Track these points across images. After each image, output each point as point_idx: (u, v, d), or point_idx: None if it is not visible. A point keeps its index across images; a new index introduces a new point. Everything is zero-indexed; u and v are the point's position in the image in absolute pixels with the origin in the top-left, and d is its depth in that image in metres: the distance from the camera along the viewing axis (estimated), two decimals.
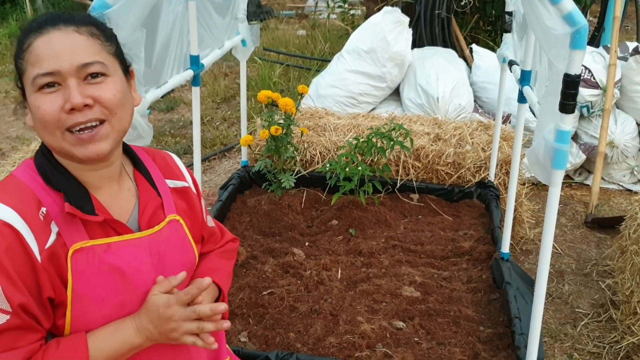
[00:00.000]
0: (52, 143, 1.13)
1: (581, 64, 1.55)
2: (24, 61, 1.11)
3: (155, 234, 1.23)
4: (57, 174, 1.16)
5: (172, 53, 2.25)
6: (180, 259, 1.29)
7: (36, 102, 1.10)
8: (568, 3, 1.52)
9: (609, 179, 4.25)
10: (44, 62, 1.09)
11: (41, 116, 1.10)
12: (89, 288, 1.13)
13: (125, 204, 1.24)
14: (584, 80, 4.07)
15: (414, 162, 3.26)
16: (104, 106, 1.12)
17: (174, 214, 1.30)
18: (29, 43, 1.11)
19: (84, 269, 1.13)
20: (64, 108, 1.09)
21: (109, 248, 1.16)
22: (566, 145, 1.60)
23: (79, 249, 1.13)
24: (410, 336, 2.22)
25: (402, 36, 4.46)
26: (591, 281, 3.18)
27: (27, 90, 1.12)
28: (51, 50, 1.09)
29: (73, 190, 1.15)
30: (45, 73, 1.09)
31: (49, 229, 1.11)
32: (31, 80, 1.10)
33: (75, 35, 1.11)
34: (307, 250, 2.77)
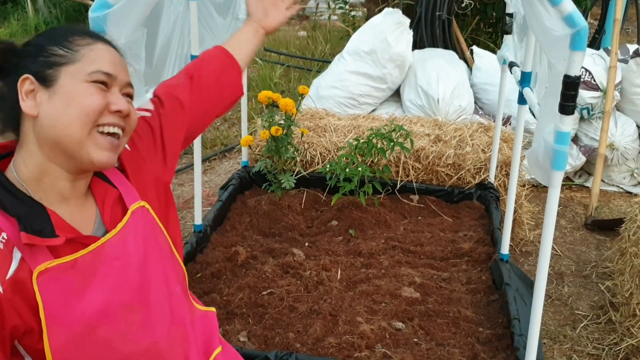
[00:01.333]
0: (74, 134, 1.14)
1: (581, 66, 1.55)
2: (78, 53, 1.18)
3: (118, 234, 1.21)
4: (10, 197, 1.12)
5: (173, 53, 2.26)
6: (154, 245, 1.27)
7: (89, 90, 1.16)
8: (568, 4, 1.52)
9: (609, 181, 4.25)
10: (106, 63, 1.19)
11: (90, 104, 1.15)
12: (61, 305, 1.11)
13: (88, 211, 1.22)
14: (585, 82, 4.08)
15: (414, 163, 3.26)
16: (128, 122, 1.23)
17: (138, 200, 1.28)
18: (88, 42, 1.20)
19: (51, 288, 1.10)
20: (108, 107, 1.18)
21: (76, 263, 1.14)
22: (566, 146, 1.60)
23: (43, 270, 1.09)
24: (410, 337, 2.22)
25: (403, 37, 4.47)
26: (591, 283, 3.19)
27: (68, 77, 1.16)
28: (111, 58, 1.22)
29: (29, 214, 1.11)
30: (106, 72, 1.18)
31: (10, 257, 1.08)
32: (88, 72, 1.16)
33: (120, 57, 1.25)
34: (307, 250, 2.77)
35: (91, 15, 1.48)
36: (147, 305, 1.23)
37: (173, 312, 1.29)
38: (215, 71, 1.54)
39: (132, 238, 1.23)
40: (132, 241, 1.23)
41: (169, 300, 1.28)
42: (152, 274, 1.25)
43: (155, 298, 1.24)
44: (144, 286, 1.22)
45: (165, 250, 1.31)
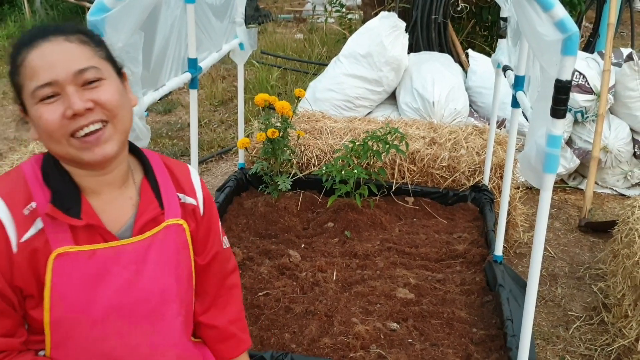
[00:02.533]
0: (59, 151, 1.16)
1: (572, 70, 1.58)
2: (20, 76, 1.13)
3: (144, 241, 1.24)
4: (56, 173, 1.19)
5: (170, 56, 2.28)
6: (174, 267, 1.28)
7: (38, 113, 1.12)
8: (560, 10, 1.55)
9: (603, 183, 4.29)
10: (40, 74, 1.11)
11: (44, 125, 1.12)
12: (70, 291, 1.15)
13: (121, 212, 1.24)
14: (579, 86, 4.11)
15: (410, 165, 3.29)
16: (104, 108, 1.14)
17: (177, 217, 1.30)
18: (22, 58, 1.13)
19: (67, 273, 1.15)
20: (65, 115, 1.11)
21: (94, 254, 1.18)
22: (557, 149, 1.63)
23: (63, 253, 1.15)
24: (404, 337, 2.24)
25: (399, 41, 4.49)
26: (584, 284, 3.21)
27: (27, 104, 1.15)
28: (45, 61, 1.11)
29: (64, 191, 1.17)
30: (43, 84, 1.11)
31: (30, 224, 1.14)
32: (30, 93, 1.12)
33: (66, 44, 1.13)
34: (303, 252, 2.79)
35: (90, 18, 1.50)
36: (154, 316, 1.25)
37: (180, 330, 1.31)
38: None
39: (157, 249, 1.25)
40: (157, 252, 1.25)
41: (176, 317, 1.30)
42: (167, 289, 1.27)
43: (164, 312, 1.27)
44: (154, 297, 1.25)
45: (185, 274, 1.33)
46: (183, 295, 1.32)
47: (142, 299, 1.23)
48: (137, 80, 1.72)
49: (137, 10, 1.62)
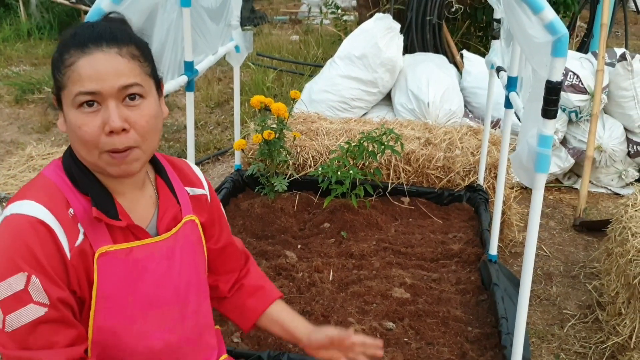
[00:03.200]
0: (88, 159, 1.18)
1: (562, 71, 1.60)
2: (65, 77, 1.14)
3: (171, 237, 1.30)
4: (84, 178, 1.21)
5: (167, 59, 2.30)
6: (193, 258, 1.36)
7: (77, 121, 1.14)
8: (549, 12, 1.57)
9: (597, 182, 4.32)
10: (86, 82, 1.12)
11: (81, 136, 1.14)
12: (112, 289, 1.20)
13: (145, 210, 1.30)
14: (573, 86, 4.14)
15: (405, 165, 3.31)
16: (138, 132, 1.17)
17: (191, 214, 1.37)
18: (72, 61, 1.13)
19: (109, 271, 1.20)
20: (103, 129, 1.14)
21: (131, 252, 1.23)
22: (548, 149, 1.65)
23: (104, 252, 1.19)
24: (400, 336, 2.26)
25: (394, 42, 4.52)
26: (578, 283, 3.24)
27: (65, 103, 1.16)
28: (94, 71, 1.13)
29: (99, 195, 1.21)
30: (87, 92, 1.12)
31: (77, 229, 1.17)
32: (72, 97, 1.14)
33: (118, 58, 1.14)
34: (300, 252, 2.81)
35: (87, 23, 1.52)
36: (182, 308, 1.32)
37: (198, 321, 1.38)
38: None
39: (180, 244, 1.32)
40: (180, 247, 1.31)
41: (198, 309, 1.37)
42: (190, 281, 1.34)
43: (189, 302, 1.34)
44: (182, 289, 1.31)
45: (202, 265, 1.40)
46: (202, 286, 1.39)
47: (174, 293, 1.29)
48: None
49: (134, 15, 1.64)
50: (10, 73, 6.58)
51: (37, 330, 1.11)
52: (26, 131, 5.22)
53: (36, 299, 1.11)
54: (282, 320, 1.52)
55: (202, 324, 1.40)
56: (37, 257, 1.11)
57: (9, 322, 1.10)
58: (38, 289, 1.11)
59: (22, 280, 1.10)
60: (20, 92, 5.90)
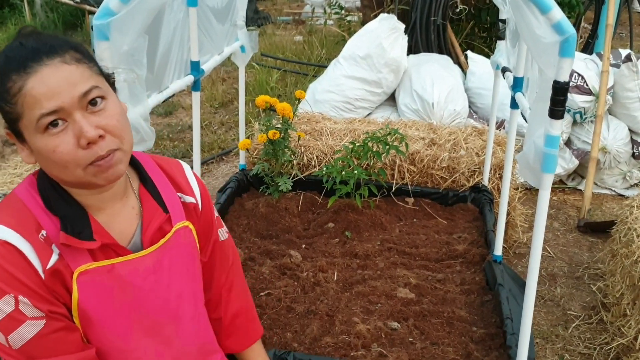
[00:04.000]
0: (70, 179, 1.12)
1: (570, 72, 1.60)
2: (17, 106, 1.06)
3: (158, 249, 1.25)
4: (57, 197, 1.16)
5: (173, 59, 2.30)
6: (187, 268, 1.31)
7: (49, 145, 1.07)
8: (557, 12, 1.57)
9: (602, 184, 4.31)
10: (44, 101, 1.05)
11: (59, 159, 1.08)
12: (95, 307, 1.17)
13: (127, 224, 1.25)
14: (577, 87, 4.14)
15: (409, 166, 3.31)
16: (113, 134, 1.12)
17: (183, 220, 1.32)
18: (19, 86, 1.05)
19: (91, 290, 1.16)
20: (80, 144, 1.08)
21: (113, 268, 1.19)
22: (555, 149, 1.65)
23: (83, 271, 1.15)
24: (405, 336, 2.26)
25: (398, 42, 4.52)
26: (583, 284, 3.24)
27: (26, 133, 1.09)
28: (47, 88, 1.05)
29: (71, 215, 1.15)
30: (48, 112, 1.05)
31: (50, 250, 1.13)
32: (34, 122, 1.06)
33: (64, 67, 1.07)
34: (304, 252, 2.81)
35: (95, 23, 1.52)
36: (174, 321, 1.28)
37: (198, 329, 1.35)
38: None
39: (170, 254, 1.27)
40: (170, 257, 1.27)
41: (195, 319, 1.34)
42: (183, 291, 1.30)
43: (183, 313, 1.30)
44: (173, 301, 1.27)
45: (197, 273, 1.36)
46: (197, 295, 1.35)
47: (162, 306, 1.25)
48: (142, 83, 1.75)
49: (141, 14, 1.65)
50: None
51: (43, 343, 1.10)
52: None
53: (31, 316, 1.09)
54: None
55: (203, 330, 1.37)
56: (17, 278, 1.09)
57: (12, 341, 1.09)
58: (29, 307, 1.09)
59: (10, 302, 1.08)
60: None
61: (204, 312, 1.39)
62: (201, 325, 1.37)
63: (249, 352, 1.58)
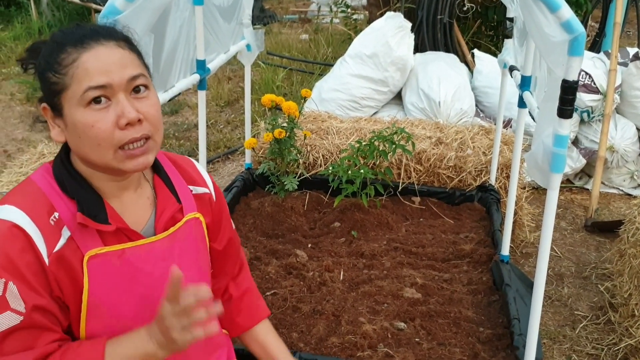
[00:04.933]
0: (98, 159, 1.14)
1: (579, 71, 1.59)
2: (67, 76, 1.10)
3: (169, 237, 1.26)
4: (73, 182, 1.18)
5: (179, 57, 2.30)
6: (196, 258, 1.32)
7: (89, 120, 1.10)
8: (566, 11, 1.56)
9: (609, 183, 4.29)
10: (95, 75, 1.09)
11: (95, 134, 1.10)
12: (105, 294, 1.17)
13: (141, 212, 1.26)
14: (585, 86, 4.11)
15: (416, 165, 3.30)
16: (150, 122, 1.15)
17: (195, 211, 1.34)
18: (73, 58, 1.10)
19: (100, 274, 1.16)
20: (119, 124, 1.10)
21: (123, 254, 1.19)
22: (564, 149, 1.64)
23: (94, 255, 1.16)
24: (411, 337, 2.25)
25: (405, 41, 4.51)
26: (590, 284, 3.22)
27: (68, 105, 1.11)
28: (101, 64, 1.10)
29: (87, 199, 1.17)
30: (97, 86, 1.09)
31: (58, 234, 1.14)
32: (80, 95, 1.09)
33: (119, 50, 1.12)
34: (310, 251, 2.81)
35: (101, 21, 1.52)
36: None
37: None
38: None
39: (180, 243, 1.28)
40: (180, 246, 1.28)
41: None
42: (192, 281, 1.28)
43: None
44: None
45: (205, 264, 1.37)
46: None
47: None
48: None
49: (147, 13, 1.64)
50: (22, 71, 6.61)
51: (11, 338, 1.10)
52: (37, 129, 5.23)
53: (13, 307, 1.09)
54: (267, 343, 1.54)
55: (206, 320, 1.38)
56: (14, 263, 1.09)
57: None
58: (15, 296, 1.09)
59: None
60: (31, 90, 5.92)
61: None
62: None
63: (261, 328, 1.56)
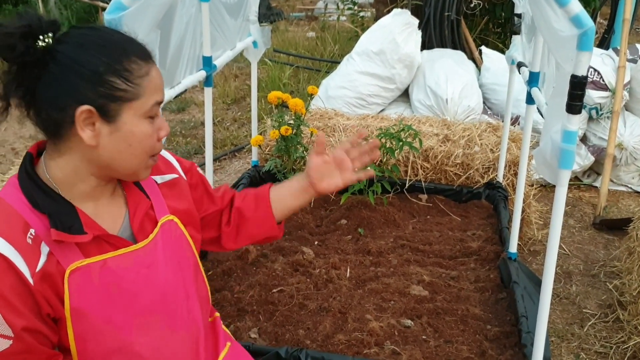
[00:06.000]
0: (134, 167, 1.21)
1: (588, 66, 1.57)
2: (140, 87, 1.15)
3: (149, 244, 1.26)
4: (42, 194, 1.15)
5: (186, 54, 2.29)
6: (178, 260, 1.31)
7: (147, 130, 1.18)
8: (575, 5, 1.54)
9: (618, 180, 4.26)
10: (160, 92, 1.21)
11: (145, 145, 1.19)
12: (89, 305, 1.16)
13: (115, 213, 1.26)
14: (593, 82, 4.08)
15: (423, 162, 3.29)
16: None
17: (167, 214, 1.32)
18: (145, 71, 1.17)
19: (82, 287, 1.15)
20: (159, 136, 1.22)
21: (105, 264, 1.18)
22: (573, 145, 1.62)
23: (75, 268, 1.14)
24: (418, 334, 2.24)
25: (412, 38, 4.49)
26: (599, 282, 3.20)
27: (130, 114, 1.15)
28: (160, 82, 1.21)
29: (59, 211, 1.15)
30: (160, 102, 1.20)
31: (38, 252, 1.12)
32: (149, 107, 1.17)
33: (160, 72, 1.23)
34: (317, 249, 2.80)
35: (107, 17, 1.51)
36: (166, 313, 1.27)
37: (189, 323, 1.34)
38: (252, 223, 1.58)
39: (160, 249, 1.28)
40: (161, 252, 1.27)
41: (187, 312, 1.33)
42: (175, 285, 1.29)
43: (175, 307, 1.29)
44: (166, 295, 1.27)
45: (191, 265, 1.36)
46: (191, 287, 1.34)
47: (158, 300, 1.25)
48: None
49: (153, 9, 1.64)
50: None
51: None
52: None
53: (0, 332, 1.08)
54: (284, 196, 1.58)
55: (198, 323, 1.36)
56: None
57: None
58: (1, 322, 1.07)
59: None
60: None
61: (198, 305, 1.38)
62: (196, 318, 1.36)
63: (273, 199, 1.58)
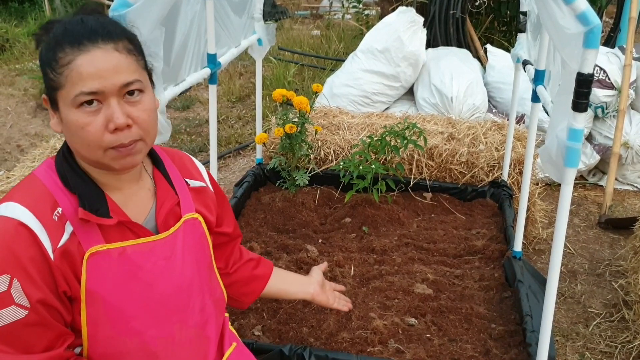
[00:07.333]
0: (91, 158, 1.17)
1: (594, 63, 1.56)
2: (62, 76, 1.11)
3: (170, 236, 1.27)
4: (75, 177, 1.19)
5: (190, 51, 2.29)
6: (196, 257, 1.33)
7: (80, 121, 1.12)
8: (582, 2, 1.53)
9: (623, 179, 4.24)
10: (88, 81, 1.10)
11: (85, 136, 1.13)
12: (104, 290, 1.18)
13: (142, 204, 1.28)
14: (599, 81, 4.06)
15: (428, 161, 3.28)
16: (141, 127, 1.16)
17: (192, 212, 1.34)
18: (69, 60, 1.11)
19: (99, 271, 1.17)
20: (107, 127, 1.13)
21: (124, 251, 1.20)
22: (579, 143, 1.62)
23: (94, 252, 1.17)
24: (422, 332, 2.24)
25: (417, 36, 4.48)
26: (604, 281, 3.18)
27: (62, 103, 1.14)
28: (95, 69, 1.10)
29: (89, 193, 1.18)
30: (89, 92, 1.10)
31: (62, 229, 1.15)
32: (72, 97, 1.11)
33: (115, 54, 1.13)
34: (321, 247, 2.80)
35: (111, 13, 1.51)
36: (179, 307, 1.29)
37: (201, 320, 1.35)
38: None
39: (180, 244, 1.29)
40: (180, 247, 1.29)
41: (199, 310, 1.34)
42: (191, 280, 1.31)
43: (187, 302, 1.31)
44: (181, 289, 1.28)
45: (207, 265, 1.38)
46: (206, 286, 1.36)
47: (172, 293, 1.26)
48: (158, 76, 1.73)
49: (158, 6, 1.63)
50: (35, 67, 6.64)
51: (15, 333, 1.10)
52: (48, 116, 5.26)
53: (17, 301, 1.10)
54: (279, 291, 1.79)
55: (210, 322, 1.38)
56: (19, 259, 1.10)
57: None
58: (19, 292, 1.10)
59: (5, 282, 1.09)
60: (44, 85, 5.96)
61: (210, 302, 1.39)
62: (206, 315, 1.37)
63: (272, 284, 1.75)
